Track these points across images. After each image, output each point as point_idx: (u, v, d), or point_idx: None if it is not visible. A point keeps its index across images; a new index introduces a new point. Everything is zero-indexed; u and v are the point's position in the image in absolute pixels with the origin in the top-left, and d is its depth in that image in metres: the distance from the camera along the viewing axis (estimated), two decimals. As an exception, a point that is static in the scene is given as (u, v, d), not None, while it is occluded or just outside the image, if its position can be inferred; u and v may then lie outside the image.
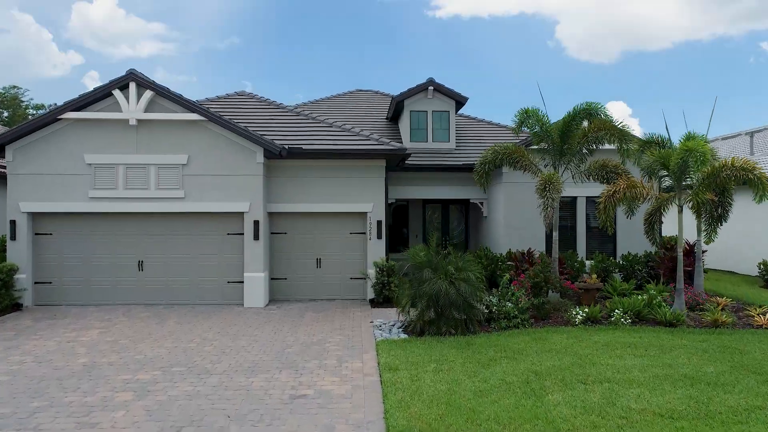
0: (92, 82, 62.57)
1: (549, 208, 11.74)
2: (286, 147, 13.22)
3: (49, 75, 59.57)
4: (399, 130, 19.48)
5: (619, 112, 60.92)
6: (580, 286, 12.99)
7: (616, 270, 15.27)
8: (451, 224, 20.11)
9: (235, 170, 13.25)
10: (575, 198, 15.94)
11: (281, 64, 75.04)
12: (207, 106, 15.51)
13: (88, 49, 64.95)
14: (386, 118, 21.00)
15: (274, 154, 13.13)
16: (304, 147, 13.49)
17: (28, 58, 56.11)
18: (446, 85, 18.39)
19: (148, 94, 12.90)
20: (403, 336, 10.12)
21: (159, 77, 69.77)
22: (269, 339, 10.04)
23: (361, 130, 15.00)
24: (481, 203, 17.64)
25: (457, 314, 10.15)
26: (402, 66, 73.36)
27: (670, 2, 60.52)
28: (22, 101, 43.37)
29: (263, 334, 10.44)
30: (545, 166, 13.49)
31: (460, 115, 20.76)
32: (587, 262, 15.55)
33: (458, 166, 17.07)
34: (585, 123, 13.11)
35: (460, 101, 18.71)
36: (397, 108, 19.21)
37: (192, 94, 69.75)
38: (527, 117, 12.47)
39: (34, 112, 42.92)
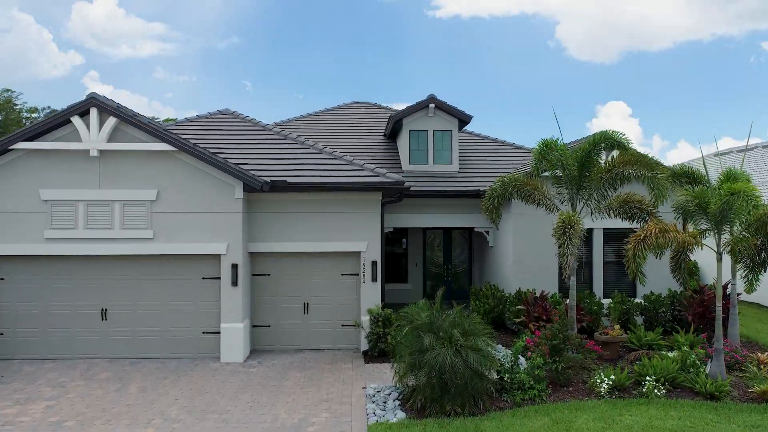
0: (92, 82, 60.95)
1: (568, 256, 10.17)
2: (269, 180, 11.70)
3: (50, 75, 58.24)
4: (397, 149, 17.96)
5: (619, 112, 59.46)
6: (602, 340, 11.49)
7: (638, 312, 13.74)
8: (454, 252, 18.58)
9: (210, 207, 11.72)
10: (591, 230, 14.39)
11: (281, 64, 73.47)
12: (183, 130, 13.98)
13: (88, 49, 63.51)
14: (384, 135, 19.46)
15: (256, 189, 11.61)
16: (289, 180, 11.97)
17: (28, 58, 54.76)
18: (449, 102, 16.79)
19: (111, 120, 11.37)
20: (401, 415, 8.59)
21: (159, 77, 68.18)
22: (242, 418, 8.51)
23: (354, 159, 13.44)
24: (487, 232, 16.11)
25: (463, 384, 8.63)
26: (402, 65, 71.95)
27: (670, 2, 59.04)
28: (16, 105, 41.68)
29: (237, 409, 8.92)
30: (561, 201, 11.95)
31: (464, 132, 19.21)
32: (605, 301, 14.05)
33: (462, 192, 15.57)
34: (604, 155, 11.63)
35: (463, 119, 17.16)
36: (395, 126, 17.67)
37: (192, 95, 68.31)
38: (547, 149, 10.87)
39: (29, 115, 41.32)
